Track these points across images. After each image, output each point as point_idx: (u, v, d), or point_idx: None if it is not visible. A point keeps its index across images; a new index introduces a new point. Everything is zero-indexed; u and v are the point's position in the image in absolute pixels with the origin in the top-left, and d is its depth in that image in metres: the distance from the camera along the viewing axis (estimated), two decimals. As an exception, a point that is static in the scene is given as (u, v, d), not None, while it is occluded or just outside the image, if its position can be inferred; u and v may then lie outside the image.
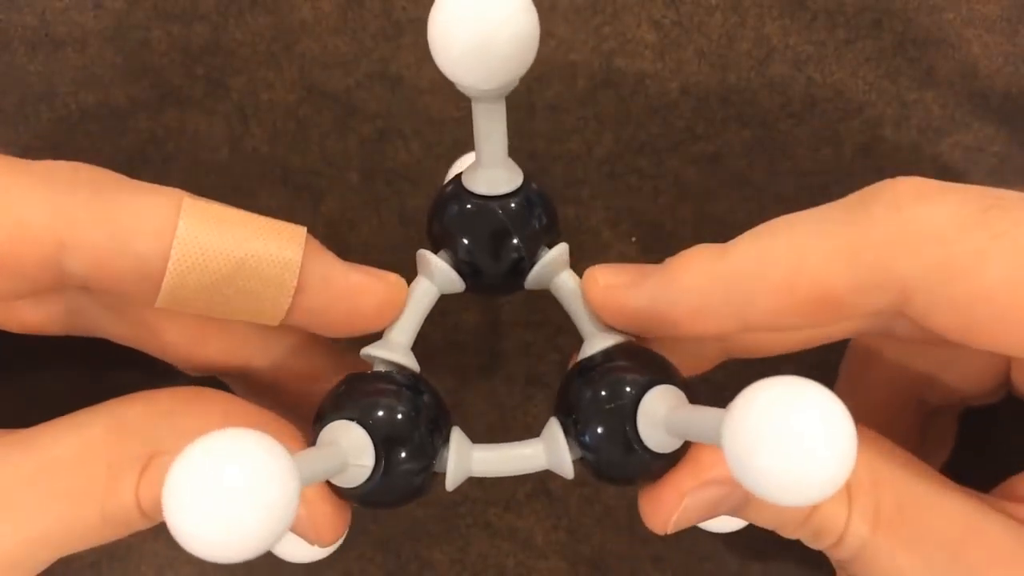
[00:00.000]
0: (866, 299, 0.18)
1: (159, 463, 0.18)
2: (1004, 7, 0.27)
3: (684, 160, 0.27)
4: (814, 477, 0.14)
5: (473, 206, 0.20)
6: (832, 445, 0.14)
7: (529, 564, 0.28)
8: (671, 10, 0.27)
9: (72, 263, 0.19)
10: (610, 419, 0.19)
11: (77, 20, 0.27)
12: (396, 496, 0.20)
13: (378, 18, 0.27)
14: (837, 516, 0.19)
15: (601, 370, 0.20)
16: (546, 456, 0.20)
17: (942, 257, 0.17)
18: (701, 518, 0.19)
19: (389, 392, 0.19)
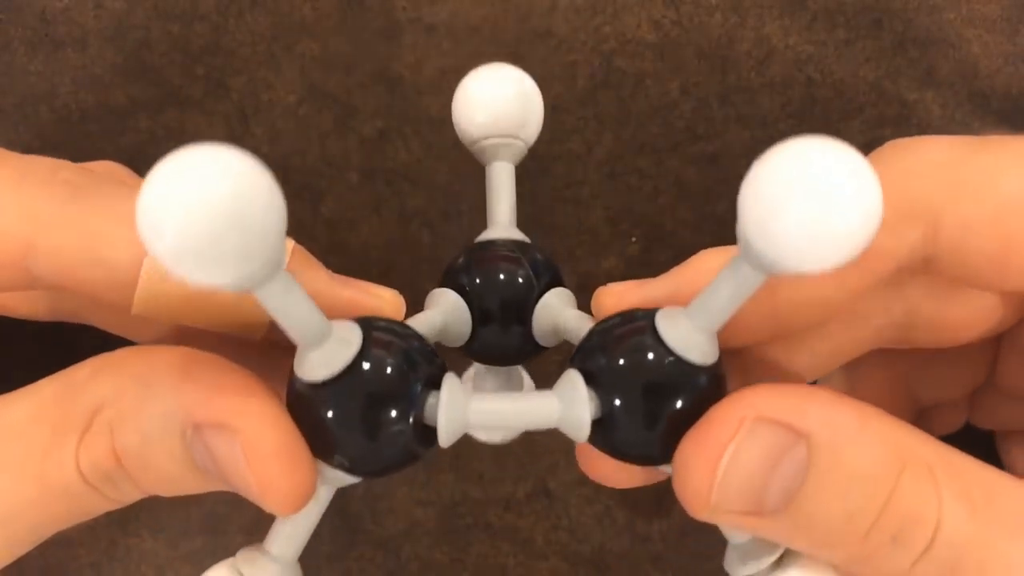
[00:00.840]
0: (896, 239, 0.18)
1: (99, 421, 0.17)
2: (1004, 7, 0.27)
3: (684, 160, 0.27)
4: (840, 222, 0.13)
5: (484, 248, 0.21)
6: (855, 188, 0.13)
7: (529, 564, 0.28)
8: (671, 10, 0.27)
9: (40, 267, 0.18)
10: (633, 341, 0.17)
11: (77, 20, 0.27)
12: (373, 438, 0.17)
13: (378, 18, 0.27)
14: (926, 499, 0.16)
15: (613, 321, 0.18)
16: (560, 410, 0.17)
17: (962, 174, 0.18)
18: (751, 487, 0.16)
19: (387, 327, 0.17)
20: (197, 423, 0.16)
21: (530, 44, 0.27)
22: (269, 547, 0.18)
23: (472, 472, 0.28)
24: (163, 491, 0.18)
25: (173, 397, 0.16)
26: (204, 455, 0.16)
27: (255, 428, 0.16)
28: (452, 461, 0.28)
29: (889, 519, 0.16)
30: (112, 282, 0.18)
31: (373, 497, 0.28)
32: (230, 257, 0.13)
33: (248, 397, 0.16)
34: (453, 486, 0.28)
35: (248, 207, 0.13)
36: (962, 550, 0.16)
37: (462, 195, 0.27)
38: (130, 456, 0.17)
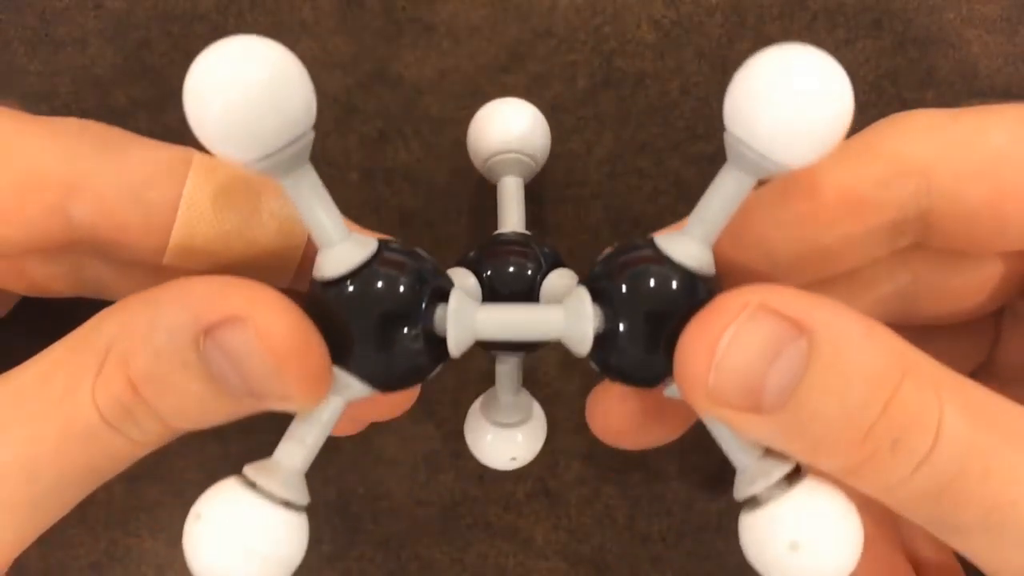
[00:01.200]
0: (889, 193, 0.18)
1: (112, 357, 0.17)
2: (1004, 7, 0.27)
3: (684, 160, 0.27)
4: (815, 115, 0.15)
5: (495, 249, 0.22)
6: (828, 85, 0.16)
7: (529, 564, 0.28)
8: (671, 10, 0.27)
9: (80, 211, 0.18)
10: (634, 252, 0.18)
11: (77, 20, 0.27)
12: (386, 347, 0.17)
13: (378, 18, 0.27)
14: (927, 405, 0.15)
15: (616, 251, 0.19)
16: (564, 322, 0.18)
17: (952, 132, 0.18)
18: (749, 376, 0.16)
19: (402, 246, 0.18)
20: (208, 326, 0.16)
21: (530, 44, 0.27)
22: (277, 456, 0.18)
23: (472, 472, 0.28)
24: (184, 419, 0.17)
25: (180, 309, 0.17)
26: (219, 359, 0.16)
27: (266, 313, 0.16)
28: (452, 461, 0.28)
29: (889, 423, 0.15)
30: (149, 223, 0.18)
31: (373, 497, 0.28)
32: (267, 134, 0.16)
33: (254, 290, 0.17)
34: (453, 486, 0.28)
35: (282, 91, 0.16)
36: (964, 458, 0.15)
37: (462, 195, 0.27)
38: (146, 381, 0.17)
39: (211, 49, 0.16)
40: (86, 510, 0.19)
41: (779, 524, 0.17)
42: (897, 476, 0.16)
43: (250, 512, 0.17)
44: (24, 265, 0.21)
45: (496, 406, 0.22)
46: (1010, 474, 0.15)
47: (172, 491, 0.28)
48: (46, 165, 0.18)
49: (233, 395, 0.17)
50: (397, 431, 0.28)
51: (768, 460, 0.18)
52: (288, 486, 0.17)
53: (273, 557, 0.17)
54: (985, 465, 0.15)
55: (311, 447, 0.18)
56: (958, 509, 0.16)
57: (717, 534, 0.28)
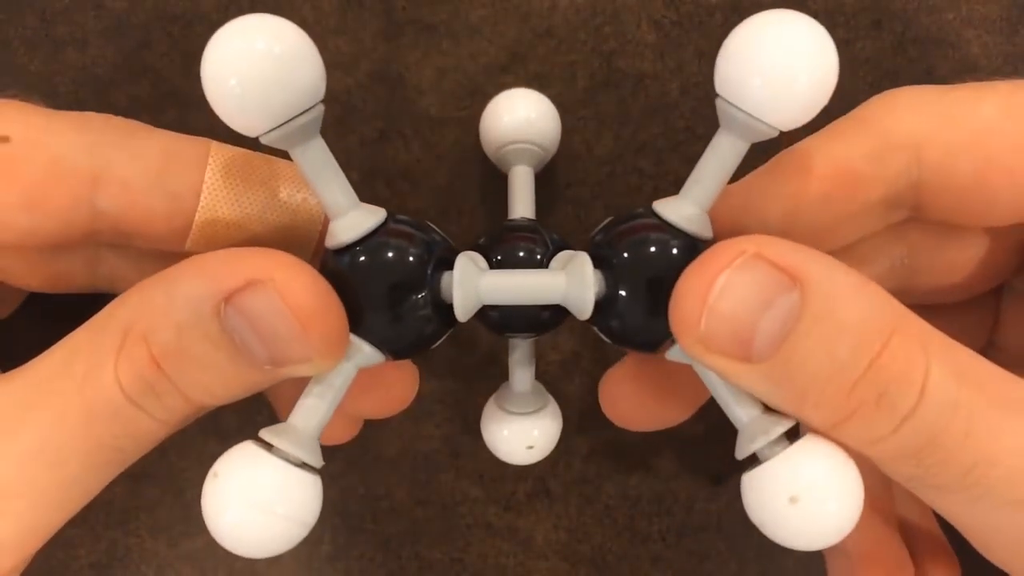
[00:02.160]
0: (882, 167, 0.19)
1: (132, 335, 0.17)
2: (1004, 7, 0.27)
3: (684, 160, 0.27)
4: (802, 76, 0.16)
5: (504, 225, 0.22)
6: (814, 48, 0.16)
7: (529, 564, 0.28)
8: (671, 10, 0.27)
9: (105, 201, 0.19)
10: (633, 219, 0.19)
11: (77, 20, 0.27)
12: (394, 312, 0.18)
13: (378, 18, 0.27)
14: (913, 361, 0.16)
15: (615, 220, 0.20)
16: (566, 285, 0.18)
17: (942, 107, 0.19)
18: (740, 323, 0.16)
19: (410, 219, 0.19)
20: (229, 292, 0.17)
21: (530, 44, 0.27)
22: (293, 420, 0.18)
23: (472, 472, 0.28)
24: (205, 392, 0.18)
25: (199, 280, 0.17)
26: (242, 326, 0.17)
27: (286, 273, 0.17)
28: (452, 461, 0.28)
29: (875, 376, 0.15)
30: (172, 210, 0.19)
31: (373, 497, 0.28)
32: (278, 105, 0.16)
33: (271, 254, 0.17)
34: (453, 486, 0.28)
35: (294, 64, 0.17)
36: (947, 417, 0.16)
37: (462, 195, 0.27)
38: (169, 355, 0.17)
39: (227, 26, 0.17)
40: (86, 510, 0.19)
41: (779, 479, 0.17)
42: (880, 431, 0.16)
43: (267, 471, 0.17)
44: (41, 260, 0.21)
45: (511, 397, 0.22)
46: (991, 434, 0.16)
47: (172, 491, 0.28)
48: (72, 156, 0.19)
49: (255, 363, 0.17)
50: (397, 431, 0.28)
51: (767, 417, 0.18)
52: (303, 448, 0.18)
53: (290, 515, 0.17)
54: (967, 424, 0.16)
55: (325, 411, 0.18)
56: (938, 467, 0.16)
57: (717, 534, 0.28)
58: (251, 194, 0.19)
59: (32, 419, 0.17)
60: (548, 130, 0.25)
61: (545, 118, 0.25)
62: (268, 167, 0.20)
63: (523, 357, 0.22)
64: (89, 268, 0.22)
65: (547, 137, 0.25)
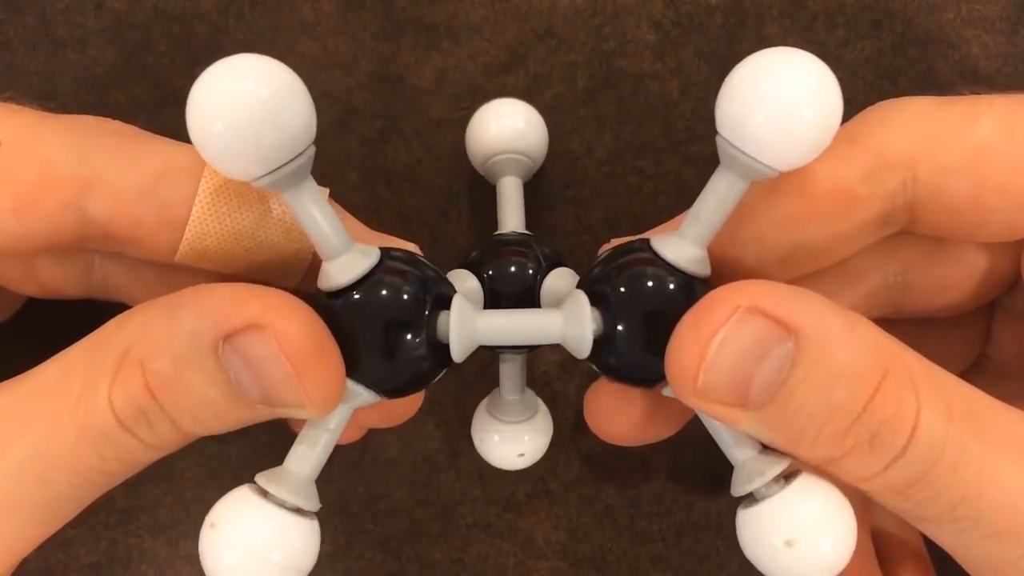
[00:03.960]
0: (877, 186, 0.19)
1: (129, 360, 0.17)
2: (1004, 7, 0.27)
3: (684, 160, 0.27)
4: (804, 117, 0.16)
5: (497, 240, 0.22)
6: (817, 89, 0.16)
7: (529, 564, 0.28)
8: (671, 10, 0.27)
9: (95, 207, 0.19)
10: (630, 254, 0.18)
11: (77, 20, 0.27)
12: (390, 355, 0.18)
13: (378, 18, 0.27)
14: (904, 404, 0.16)
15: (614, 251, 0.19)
16: (564, 326, 0.18)
17: (937, 124, 0.19)
18: (737, 375, 0.16)
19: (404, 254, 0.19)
20: (228, 332, 0.16)
21: (530, 44, 0.27)
22: (288, 464, 0.18)
23: (472, 472, 0.28)
24: (198, 424, 0.18)
25: (200, 315, 0.17)
26: (238, 365, 0.17)
27: (287, 322, 0.17)
28: (452, 461, 0.28)
29: (869, 419, 0.16)
30: (163, 221, 0.18)
31: (373, 497, 0.28)
32: (268, 152, 0.16)
33: (273, 298, 0.17)
34: (453, 486, 0.28)
35: (283, 109, 0.16)
36: (937, 455, 0.16)
37: (462, 195, 0.27)
38: (163, 384, 0.17)
39: (213, 67, 0.16)
40: (86, 510, 0.19)
41: (775, 521, 0.17)
42: (872, 469, 0.16)
43: (263, 520, 0.17)
44: (36, 266, 0.21)
45: (501, 405, 0.22)
46: (978, 470, 0.16)
47: (172, 491, 0.28)
48: (62, 161, 0.18)
49: (248, 402, 0.17)
50: (397, 431, 0.28)
51: (764, 457, 0.18)
52: (299, 493, 0.18)
53: (286, 563, 0.17)
54: (955, 461, 0.16)
55: (320, 454, 0.18)
56: (928, 501, 0.16)
57: (717, 534, 0.28)
58: (244, 210, 0.19)
59: (24, 435, 0.17)
60: (535, 140, 0.25)
61: (531, 127, 0.25)
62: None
63: (514, 369, 0.22)
64: (84, 275, 0.22)
65: (534, 147, 0.25)
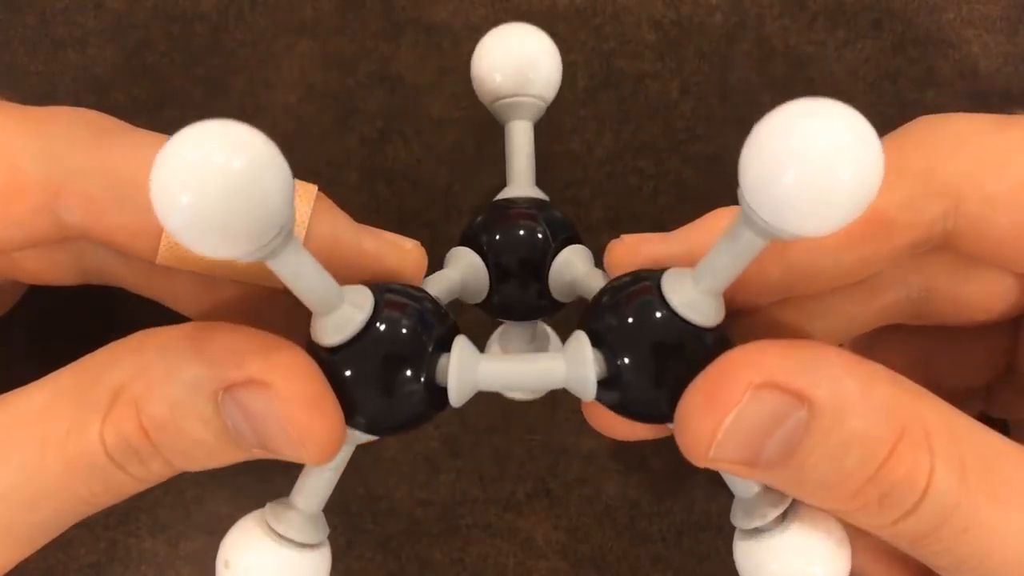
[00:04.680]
0: (916, 215, 0.18)
1: (123, 398, 0.17)
2: (1004, 7, 0.27)
3: (684, 160, 0.27)
4: (837, 186, 0.13)
5: (505, 206, 0.21)
6: (854, 152, 0.13)
7: (529, 564, 0.28)
8: (671, 10, 0.27)
9: (68, 213, 0.18)
10: (638, 304, 0.17)
11: (77, 20, 0.27)
12: (388, 398, 0.17)
13: (378, 18, 0.27)
14: (918, 466, 0.16)
15: (620, 282, 0.18)
16: (566, 370, 0.17)
17: (987, 150, 0.18)
18: (749, 445, 0.16)
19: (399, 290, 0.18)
20: (229, 385, 0.16)
21: (530, 44, 0.27)
22: (294, 501, 0.18)
23: (472, 472, 0.28)
24: (191, 463, 0.18)
25: (200, 364, 0.17)
26: (237, 416, 0.17)
27: (289, 381, 0.16)
28: (452, 461, 0.28)
29: (880, 481, 0.16)
30: (139, 226, 0.18)
31: (373, 497, 0.28)
32: (242, 232, 0.14)
33: (277, 353, 0.17)
34: (453, 486, 0.28)
35: (257, 183, 0.14)
36: (947, 514, 0.16)
37: (462, 195, 0.27)
38: (159, 427, 0.17)
39: (181, 133, 0.14)
40: (86, 510, 0.19)
41: (771, 559, 0.17)
42: (882, 522, 0.16)
43: (274, 560, 0.18)
44: (22, 260, 0.21)
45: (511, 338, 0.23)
46: (990, 529, 0.16)
47: (172, 491, 0.28)
48: (31, 167, 0.18)
49: (244, 447, 0.17)
50: (397, 431, 0.28)
51: (765, 496, 0.18)
52: (306, 530, 0.18)
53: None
54: (967, 522, 0.16)
55: (325, 489, 0.19)
56: (936, 554, 0.17)
57: (717, 534, 0.28)
58: None
59: (9, 461, 0.17)
60: (547, 79, 0.22)
61: (539, 62, 0.22)
62: None
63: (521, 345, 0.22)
64: (76, 261, 0.21)
65: (546, 86, 0.22)
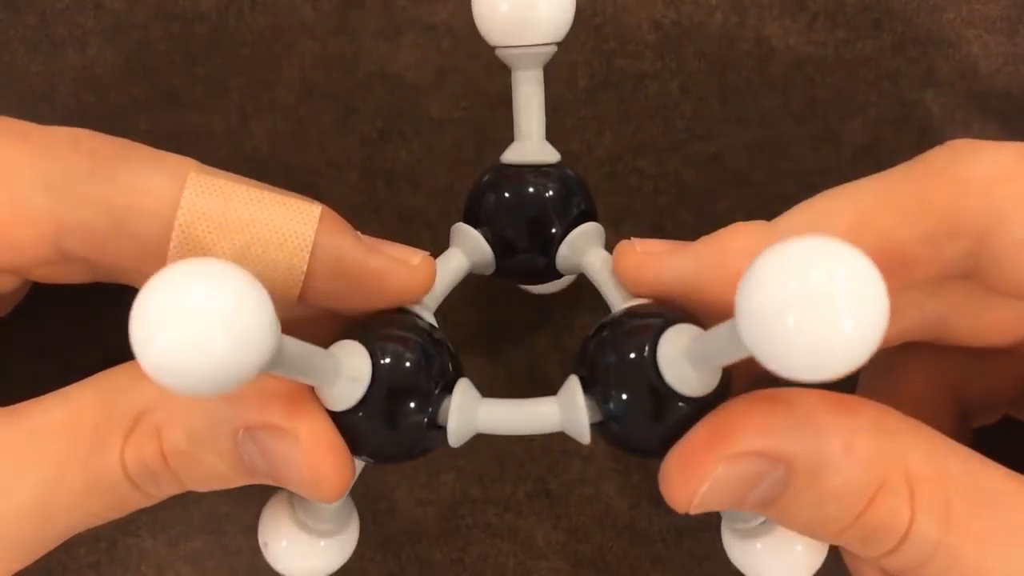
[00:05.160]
0: (936, 252, 0.17)
1: (145, 423, 0.17)
2: (1004, 7, 0.27)
3: (684, 160, 0.27)
4: (841, 338, 0.12)
5: (511, 173, 0.21)
6: (857, 301, 0.12)
7: (529, 564, 0.28)
8: (671, 10, 0.27)
9: (70, 243, 0.18)
10: (630, 363, 0.17)
11: (77, 20, 0.27)
12: (391, 439, 0.18)
13: (378, 18, 0.27)
14: (897, 513, 0.16)
15: (621, 323, 0.18)
16: (560, 416, 0.18)
17: (1014, 192, 0.17)
18: (730, 500, 0.17)
19: (399, 323, 0.19)
20: (250, 426, 0.17)
21: (530, 44, 0.27)
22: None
23: (472, 472, 0.28)
24: (204, 487, 0.19)
25: (223, 402, 0.17)
26: (254, 453, 0.18)
27: (310, 432, 0.17)
28: (452, 461, 0.28)
29: (861, 527, 0.17)
30: (142, 253, 0.18)
31: (373, 497, 0.28)
32: (228, 373, 0.13)
33: (298, 403, 0.18)
34: (453, 486, 0.28)
35: (240, 325, 0.13)
36: (927, 556, 0.17)
37: (462, 195, 0.27)
38: (177, 455, 0.18)
39: (161, 278, 0.13)
40: (86, 510, 0.19)
41: (753, 557, 0.19)
42: (869, 555, 0.17)
43: (308, 547, 0.21)
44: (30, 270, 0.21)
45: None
46: (972, 567, 0.16)
47: (172, 491, 0.28)
48: (32, 199, 0.18)
49: (258, 478, 0.18)
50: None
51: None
52: (334, 519, 0.21)
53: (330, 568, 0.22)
54: (949, 563, 0.16)
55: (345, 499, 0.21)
56: None
57: (717, 534, 0.28)
58: (226, 240, 0.18)
59: (28, 476, 0.18)
60: (556, 22, 0.20)
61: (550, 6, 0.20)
62: (250, 200, 0.18)
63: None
64: (87, 268, 0.21)
65: (557, 30, 0.20)
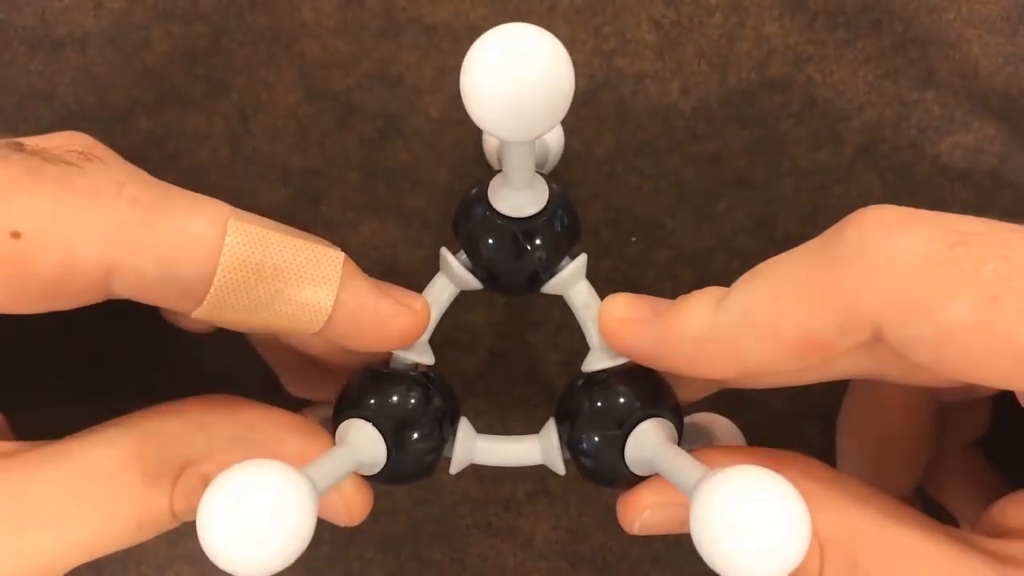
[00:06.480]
0: (847, 338, 0.19)
1: (191, 473, 0.20)
2: (1004, 7, 0.27)
3: (684, 160, 0.27)
4: (768, 563, 0.16)
5: (497, 224, 0.21)
6: (786, 535, 0.16)
7: (529, 564, 0.28)
8: (671, 10, 0.27)
9: (119, 287, 0.19)
10: (603, 440, 0.21)
11: (77, 20, 0.27)
12: (407, 473, 0.22)
13: (378, 18, 0.27)
14: (807, 569, 0.19)
15: (602, 389, 0.21)
16: (541, 453, 0.22)
17: (908, 297, 0.18)
18: (664, 530, 0.21)
19: (401, 391, 0.21)
20: None
21: (530, 44, 0.27)
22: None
23: (472, 472, 0.28)
24: None
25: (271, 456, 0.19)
26: None
27: (354, 493, 0.21)
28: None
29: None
30: (184, 294, 0.19)
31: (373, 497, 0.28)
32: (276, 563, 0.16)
33: (310, 444, 0.21)
34: (453, 486, 0.28)
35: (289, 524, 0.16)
36: None
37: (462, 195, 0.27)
38: None
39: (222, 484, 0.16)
40: (86, 510, 0.19)
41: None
42: None
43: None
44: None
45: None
46: None
47: (172, 491, 0.28)
48: (85, 249, 0.19)
49: None
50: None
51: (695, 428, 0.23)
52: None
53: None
54: None
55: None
56: None
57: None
58: (262, 286, 0.20)
59: (85, 519, 0.20)
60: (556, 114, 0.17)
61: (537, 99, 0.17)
62: (284, 247, 0.20)
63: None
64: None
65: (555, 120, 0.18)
